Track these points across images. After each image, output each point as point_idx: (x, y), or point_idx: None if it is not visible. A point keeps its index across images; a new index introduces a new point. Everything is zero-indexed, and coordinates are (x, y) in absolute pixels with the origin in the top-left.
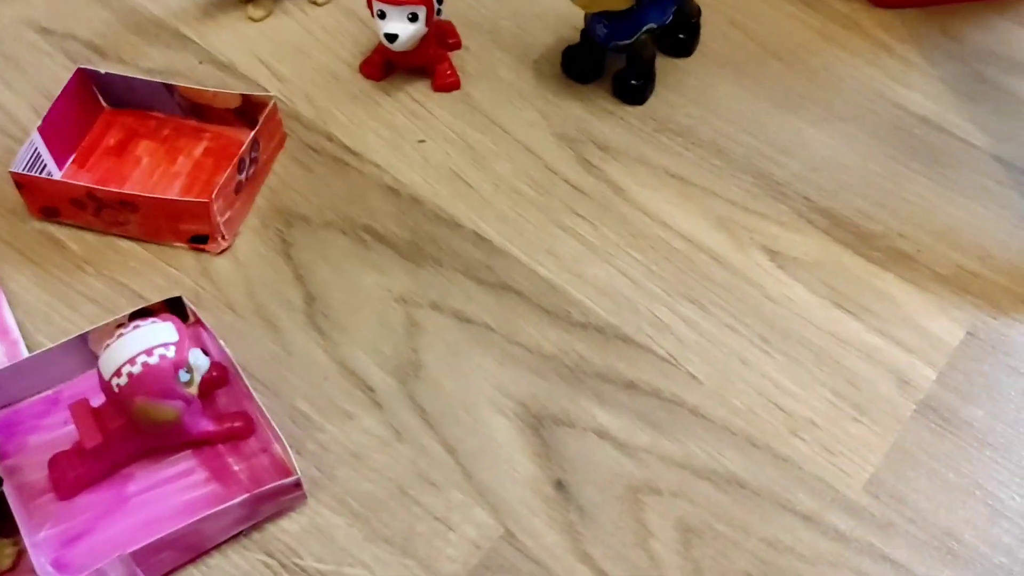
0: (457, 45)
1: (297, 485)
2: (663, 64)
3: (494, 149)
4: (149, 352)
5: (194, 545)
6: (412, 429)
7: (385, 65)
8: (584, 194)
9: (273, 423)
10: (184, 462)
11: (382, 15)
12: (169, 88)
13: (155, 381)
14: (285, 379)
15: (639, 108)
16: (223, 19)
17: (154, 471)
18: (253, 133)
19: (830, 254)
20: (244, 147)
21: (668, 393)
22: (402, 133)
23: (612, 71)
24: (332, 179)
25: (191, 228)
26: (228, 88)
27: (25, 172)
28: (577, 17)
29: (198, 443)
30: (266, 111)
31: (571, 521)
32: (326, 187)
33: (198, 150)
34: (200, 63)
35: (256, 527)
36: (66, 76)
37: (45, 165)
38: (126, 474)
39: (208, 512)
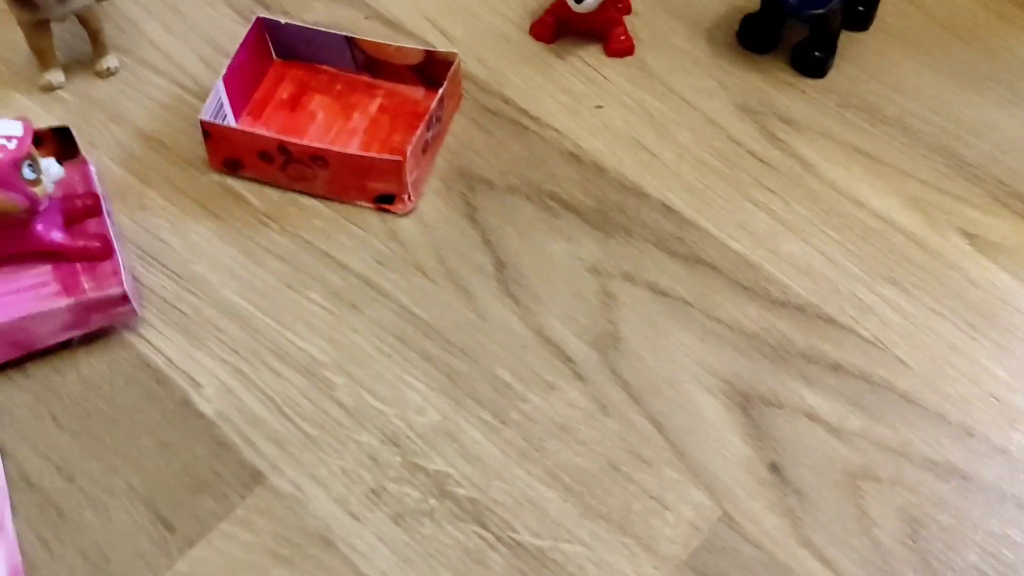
0: (628, 9)
1: (124, 298)
2: (841, 38)
3: (674, 118)
4: None
5: (22, 343)
6: (617, 403)
7: (557, 27)
8: (771, 168)
9: (122, 251)
10: (42, 275)
11: None
12: (349, 41)
13: None
14: (483, 346)
15: (820, 81)
16: None
17: (12, 279)
18: (441, 91)
19: None
20: (432, 106)
21: (877, 377)
22: (578, 98)
23: (789, 42)
24: (511, 142)
25: (378, 187)
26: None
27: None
28: None
29: (52, 255)
30: (452, 69)
31: (790, 506)
32: (506, 150)
33: (372, 107)
34: (366, 19)
35: (458, 489)
36: (228, 24)
37: (226, 116)
38: None
39: (34, 311)
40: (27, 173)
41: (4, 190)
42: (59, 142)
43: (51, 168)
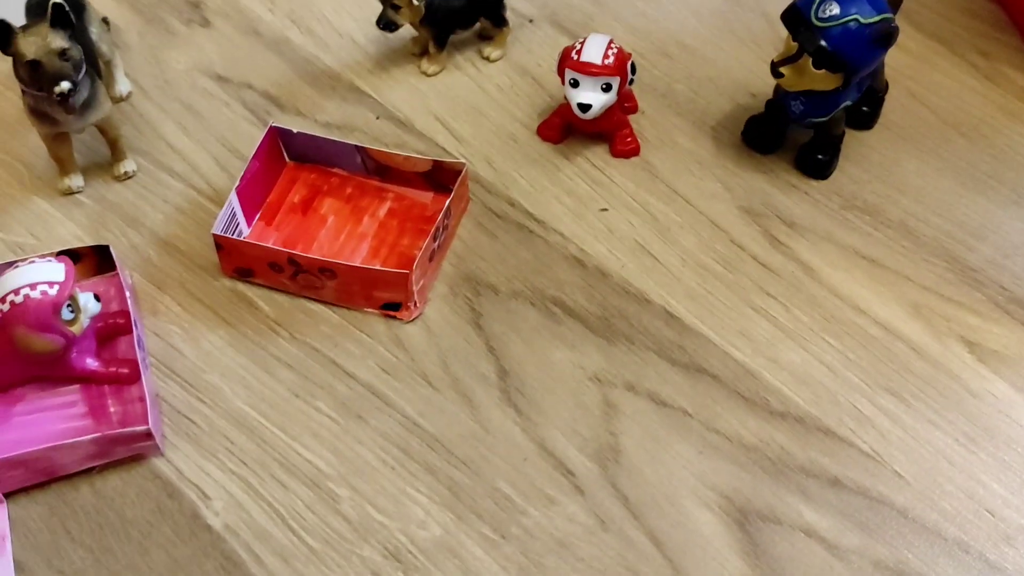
0: (634, 109)
1: (148, 435)
2: (845, 137)
3: (678, 220)
4: (33, 287)
5: (46, 469)
6: (616, 519)
7: (564, 128)
8: (773, 272)
9: (151, 377)
10: (70, 394)
11: (575, 84)
12: (358, 149)
13: (33, 313)
14: (485, 458)
15: (824, 183)
16: (396, 72)
17: (42, 397)
18: (448, 202)
19: None
20: (440, 216)
21: (875, 492)
22: (584, 201)
23: (793, 142)
24: (517, 247)
25: (384, 296)
26: (408, 145)
27: (224, 234)
28: (754, 84)
29: (83, 379)
30: (459, 178)
31: None
32: (511, 255)
33: (382, 211)
34: (377, 118)
35: None
36: (244, 125)
37: (238, 224)
38: (18, 395)
39: (60, 443)
40: (66, 314)
41: (43, 333)
42: (98, 257)
43: (89, 304)
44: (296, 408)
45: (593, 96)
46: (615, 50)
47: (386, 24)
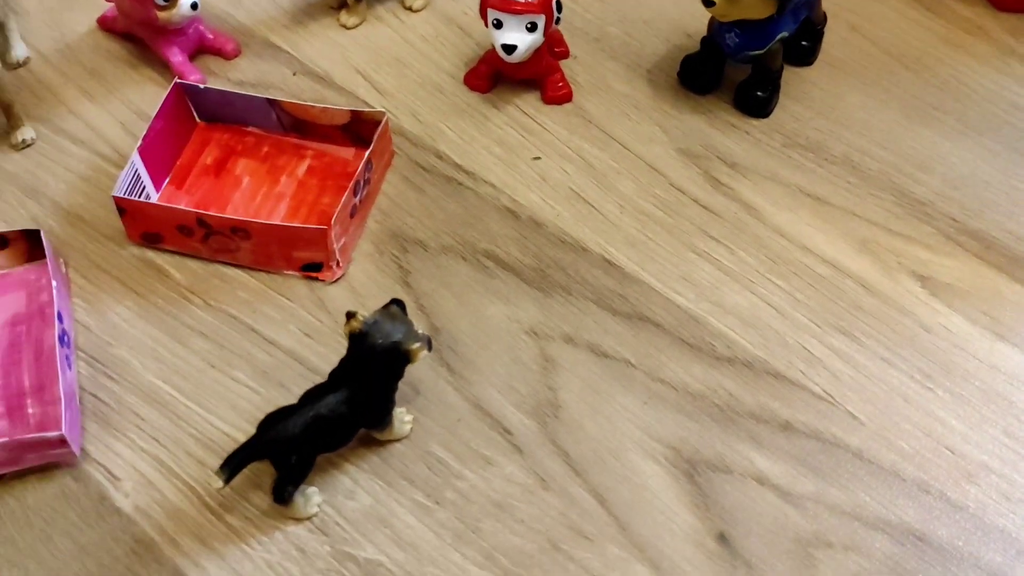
0: (565, 54)
1: (62, 442)
2: (785, 73)
3: (614, 166)
4: None
5: None
6: (557, 476)
7: (493, 76)
8: (715, 215)
9: (72, 376)
10: None
11: (498, 24)
12: (271, 103)
13: None
14: (417, 421)
15: (764, 121)
16: (314, 27)
17: None
18: (368, 154)
19: (984, 279)
20: (359, 169)
21: (828, 435)
22: (515, 150)
23: (731, 81)
24: (445, 200)
25: (304, 255)
26: (328, 101)
27: (127, 196)
28: (690, 24)
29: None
30: (379, 129)
31: None
32: (440, 209)
33: (301, 169)
34: (294, 74)
35: None
36: (151, 88)
37: (144, 187)
38: None
39: None
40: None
41: None
42: (28, 243)
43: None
44: (212, 379)
45: (518, 36)
46: None
47: None
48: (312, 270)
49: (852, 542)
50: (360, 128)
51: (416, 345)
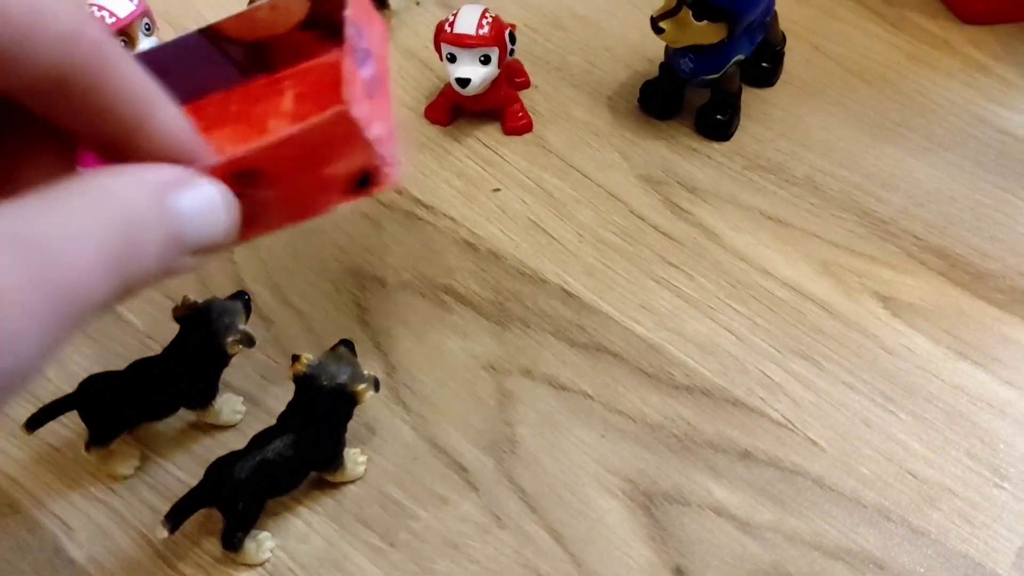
0: (526, 84)
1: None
2: (745, 95)
3: (574, 195)
4: None
5: None
6: (513, 514)
7: (452, 109)
8: (675, 241)
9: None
10: None
11: (452, 58)
12: (205, 34)
13: None
14: (372, 462)
15: (725, 144)
16: None
17: None
18: (346, 12)
19: (948, 298)
20: (346, 36)
21: (788, 462)
22: (475, 182)
23: (692, 105)
24: (404, 235)
25: (341, 168)
26: None
27: None
28: (651, 49)
29: None
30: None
31: None
32: (399, 245)
33: (286, 104)
34: None
35: None
36: None
37: None
38: None
39: None
40: None
41: None
42: None
43: None
44: (166, 423)
45: (471, 70)
46: (490, 19)
47: None
48: (363, 185)
49: (811, 572)
50: (329, 14)
51: (362, 386)
